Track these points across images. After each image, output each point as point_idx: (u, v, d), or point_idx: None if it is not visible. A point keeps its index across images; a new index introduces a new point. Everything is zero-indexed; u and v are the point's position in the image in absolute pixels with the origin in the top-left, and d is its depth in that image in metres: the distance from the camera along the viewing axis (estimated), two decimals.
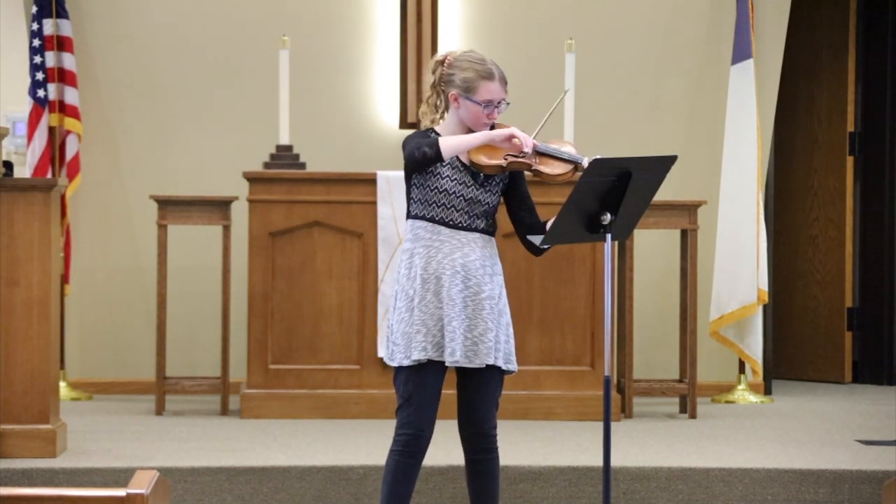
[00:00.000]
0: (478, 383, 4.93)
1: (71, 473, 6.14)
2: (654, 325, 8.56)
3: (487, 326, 4.88)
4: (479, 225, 4.93)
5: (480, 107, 4.90)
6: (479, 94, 4.90)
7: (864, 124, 9.45)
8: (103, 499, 3.61)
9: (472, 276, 4.88)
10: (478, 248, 4.92)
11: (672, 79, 8.74)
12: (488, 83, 4.90)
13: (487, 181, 4.94)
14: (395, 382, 4.94)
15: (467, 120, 4.94)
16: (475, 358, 4.87)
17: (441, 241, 4.89)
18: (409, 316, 4.88)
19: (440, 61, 4.99)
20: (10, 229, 6.35)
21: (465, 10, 8.66)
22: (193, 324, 8.50)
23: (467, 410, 4.97)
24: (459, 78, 4.92)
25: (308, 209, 7.68)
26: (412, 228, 4.93)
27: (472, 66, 4.92)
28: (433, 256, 4.88)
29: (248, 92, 8.58)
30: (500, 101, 4.93)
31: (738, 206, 8.38)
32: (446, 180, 4.89)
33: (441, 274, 4.87)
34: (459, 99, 4.92)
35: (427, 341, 4.85)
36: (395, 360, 4.91)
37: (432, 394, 4.89)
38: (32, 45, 8.28)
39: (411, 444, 4.90)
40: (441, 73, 4.97)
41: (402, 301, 4.91)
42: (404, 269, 4.93)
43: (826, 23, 9.48)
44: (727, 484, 6.30)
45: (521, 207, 5.02)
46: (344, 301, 7.67)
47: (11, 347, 6.34)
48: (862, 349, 9.49)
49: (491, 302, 4.90)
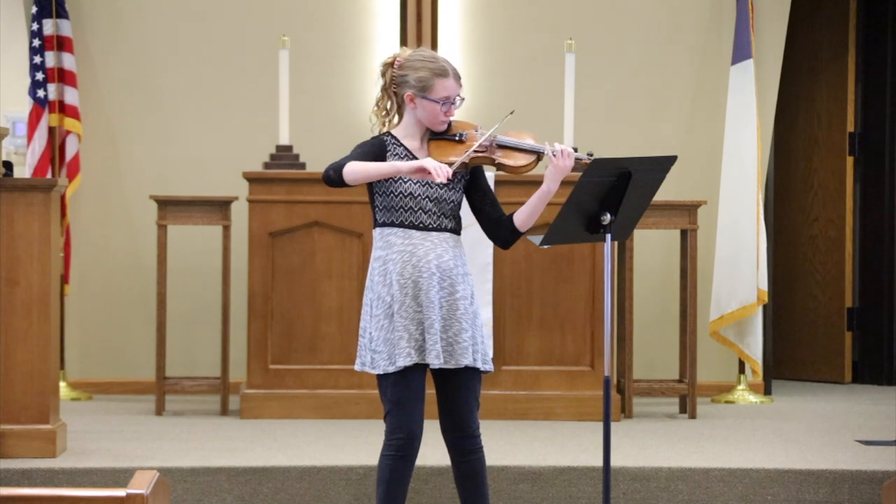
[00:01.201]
0: (456, 385, 4.93)
1: (71, 473, 6.14)
2: (654, 325, 8.56)
3: (462, 327, 4.88)
4: (447, 224, 4.92)
5: (438, 105, 4.88)
6: (435, 91, 4.88)
7: (864, 124, 9.45)
8: (103, 499, 3.61)
9: (446, 277, 4.88)
10: (450, 249, 4.91)
11: (672, 79, 8.74)
12: (443, 80, 4.88)
13: (450, 179, 4.91)
14: (380, 388, 4.93)
15: (425, 119, 4.92)
16: (451, 359, 4.86)
17: (414, 245, 4.88)
18: (389, 323, 4.87)
19: (389, 63, 4.96)
20: (10, 229, 6.35)
21: (465, 10, 8.66)
22: (193, 324, 8.50)
23: (450, 414, 4.96)
24: (413, 78, 4.89)
25: (308, 209, 7.68)
26: (381, 236, 4.92)
27: (424, 65, 4.90)
28: (408, 261, 4.87)
29: (248, 92, 8.58)
30: (455, 96, 4.91)
31: (738, 206, 8.38)
32: (409, 184, 4.88)
33: (418, 278, 4.86)
34: (416, 99, 4.90)
35: (410, 346, 4.85)
36: (379, 368, 4.88)
37: (418, 396, 4.89)
38: (32, 45, 8.28)
39: (404, 447, 4.89)
40: (392, 75, 4.94)
41: (379, 308, 4.89)
42: (378, 277, 4.90)
43: (826, 23, 9.48)
44: (727, 484, 6.30)
45: (484, 202, 5.02)
46: (344, 301, 7.67)
47: (11, 347, 6.34)
48: (862, 349, 9.49)
49: (464, 302, 4.90)
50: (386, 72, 4.97)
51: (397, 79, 4.93)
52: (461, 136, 4.93)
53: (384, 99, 4.98)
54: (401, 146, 4.93)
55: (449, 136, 4.94)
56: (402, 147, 4.93)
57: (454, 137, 4.93)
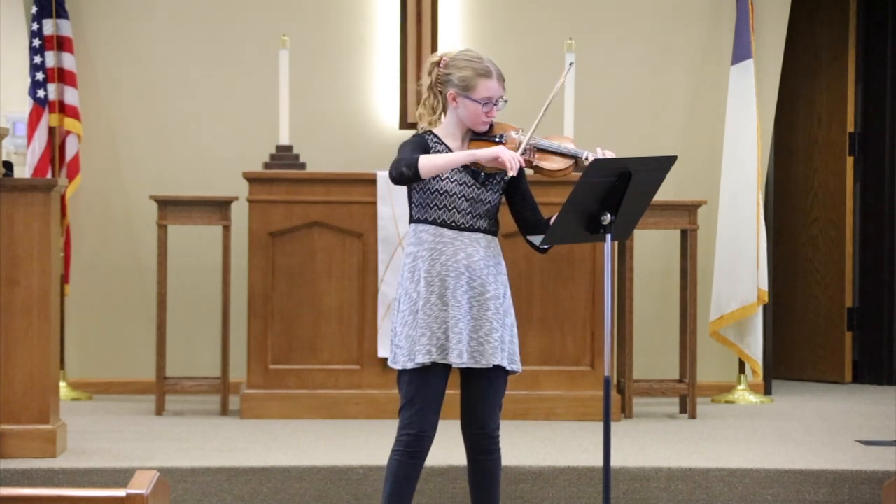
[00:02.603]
0: (482, 384, 4.94)
1: (71, 473, 6.14)
2: (654, 325, 8.56)
3: (493, 326, 4.89)
4: (481, 225, 4.93)
5: (479, 105, 4.91)
6: (477, 92, 4.90)
7: (864, 124, 9.45)
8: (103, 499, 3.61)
9: (476, 277, 4.89)
10: (481, 249, 4.92)
11: (672, 79, 8.74)
12: (486, 81, 4.91)
13: (488, 180, 4.94)
14: (398, 383, 4.95)
15: (466, 119, 4.94)
16: (481, 358, 4.88)
17: (444, 244, 4.89)
18: (413, 319, 4.88)
19: (436, 62, 4.99)
20: (10, 229, 6.35)
21: (465, 10, 8.66)
22: (193, 324, 8.50)
23: (471, 410, 4.97)
24: (457, 77, 4.92)
25: (308, 209, 7.68)
26: (415, 233, 4.93)
27: (469, 65, 4.93)
28: (437, 259, 4.88)
29: (248, 92, 8.57)
30: (498, 98, 4.93)
31: (738, 206, 8.38)
32: (446, 182, 4.89)
33: (446, 276, 4.87)
34: (458, 98, 4.93)
35: (431, 344, 4.85)
36: (398, 363, 4.91)
37: (435, 395, 4.90)
38: (32, 45, 8.28)
39: (413, 444, 4.90)
40: (438, 74, 4.97)
41: (405, 304, 4.91)
42: (407, 273, 4.93)
43: (826, 23, 9.48)
44: (727, 484, 6.30)
45: (524, 206, 5.03)
46: (344, 301, 7.67)
47: (11, 347, 6.34)
48: (862, 349, 9.49)
49: (496, 302, 4.91)
50: (432, 70, 4.99)
51: (442, 77, 4.95)
52: (501, 137, 4.95)
53: (430, 97, 4.99)
54: (442, 144, 4.94)
55: (489, 137, 4.96)
56: (443, 146, 4.94)
57: (494, 139, 4.95)
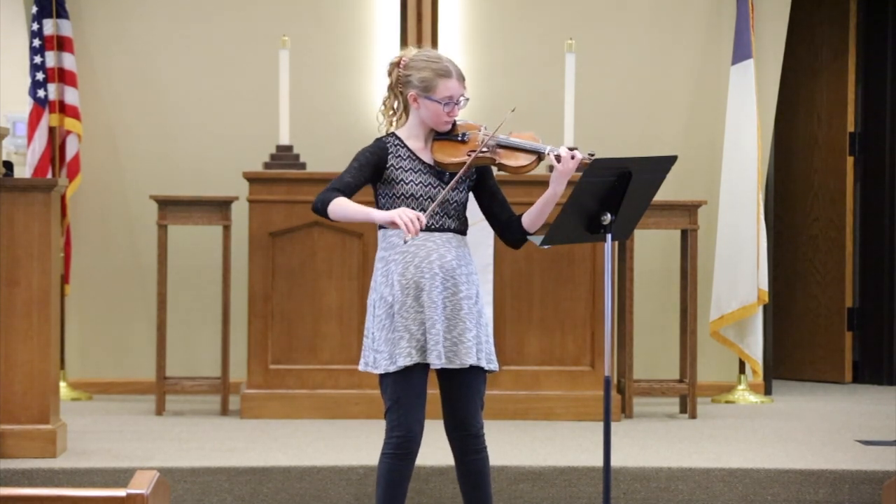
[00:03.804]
0: (461, 385, 4.93)
1: (71, 473, 6.14)
2: (654, 324, 8.56)
3: (466, 326, 4.88)
4: (450, 225, 4.92)
5: (440, 105, 4.89)
6: (437, 92, 4.89)
7: (864, 124, 9.45)
8: (103, 499, 3.61)
9: (449, 277, 4.88)
10: (453, 249, 4.91)
11: (672, 79, 8.74)
12: (446, 81, 4.89)
13: (452, 179, 4.92)
14: (381, 388, 4.93)
15: (428, 119, 4.93)
16: (455, 358, 4.87)
17: (416, 246, 4.88)
18: (391, 323, 4.87)
19: (395, 63, 4.98)
20: (10, 229, 6.34)
21: (465, 10, 8.66)
22: (193, 324, 8.50)
23: (453, 413, 4.96)
24: (417, 78, 4.91)
25: (308, 209, 7.60)
26: (384, 237, 4.93)
27: (428, 65, 4.91)
28: (410, 262, 4.87)
29: (248, 92, 8.57)
30: (459, 97, 4.92)
31: (738, 206, 8.38)
32: (411, 185, 4.89)
33: (420, 279, 4.86)
34: (419, 99, 4.91)
35: (411, 346, 4.85)
36: (381, 368, 4.89)
37: (419, 395, 4.89)
38: (32, 45, 8.28)
39: (403, 445, 4.89)
40: (398, 75, 4.96)
41: (381, 308, 4.90)
42: (381, 277, 4.91)
43: (826, 23, 9.48)
44: (727, 484, 6.30)
45: (493, 203, 5.02)
46: (344, 301, 7.67)
47: (11, 347, 6.34)
48: (862, 349, 9.49)
49: (468, 302, 4.90)
50: (392, 71, 4.98)
51: (402, 78, 4.94)
52: (464, 136, 4.94)
53: (391, 98, 4.99)
54: (404, 147, 4.93)
55: (452, 137, 4.95)
56: (405, 148, 4.93)
57: (457, 137, 4.94)
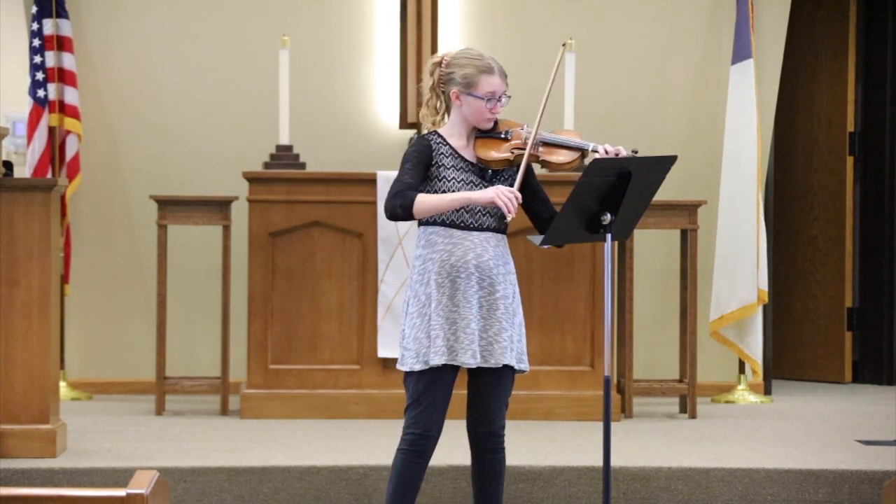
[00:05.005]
0: (490, 383, 4.94)
1: (71, 473, 6.14)
2: (654, 325, 8.56)
3: (502, 326, 4.89)
4: (490, 224, 4.93)
5: (483, 101, 4.91)
6: (480, 88, 4.91)
7: (864, 124, 9.45)
8: (103, 499, 3.61)
9: (485, 277, 4.89)
10: (490, 248, 4.92)
11: (672, 78, 8.74)
12: (488, 77, 4.91)
13: (496, 177, 4.95)
14: (404, 382, 4.94)
15: (470, 116, 4.95)
16: (490, 358, 4.88)
17: (454, 244, 4.89)
18: (422, 321, 4.88)
19: (437, 62, 5.00)
20: (10, 229, 6.34)
21: (465, 10, 8.66)
22: (193, 324, 8.50)
23: (478, 409, 4.97)
24: (459, 75, 4.92)
25: (308, 209, 7.68)
26: (425, 234, 4.93)
27: (470, 62, 4.93)
28: (447, 260, 4.88)
29: (248, 92, 8.57)
30: (501, 93, 4.94)
31: (738, 206, 8.38)
32: (453, 182, 4.90)
33: (456, 277, 4.87)
34: (461, 96, 4.93)
35: (443, 346, 4.85)
36: (406, 365, 4.90)
37: (442, 396, 4.89)
38: (32, 45, 8.28)
39: (418, 443, 4.90)
40: (439, 74, 4.97)
41: (413, 306, 4.91)
42: (416, 275, 4.92)
43: (826, 23, 9.48)
44: (727, 484, 6.30)
45: (535, 200, 5.03)
46: (344, 301, 7.67)
47: (11, 347, 6.34)
48: (862, 349, 9.49)
49: (505, 301, 4.91)
50: (434, 70, 4.99)
51: (444, 77, 4.95)
52: (507, 133, 4.96)
53: (433, 98, 4.99)
54: (447, 145, 4.94)
55: (495, 134, 4.97)
56: (447, 146, 4.94)
57: (500, 135, 4.96)
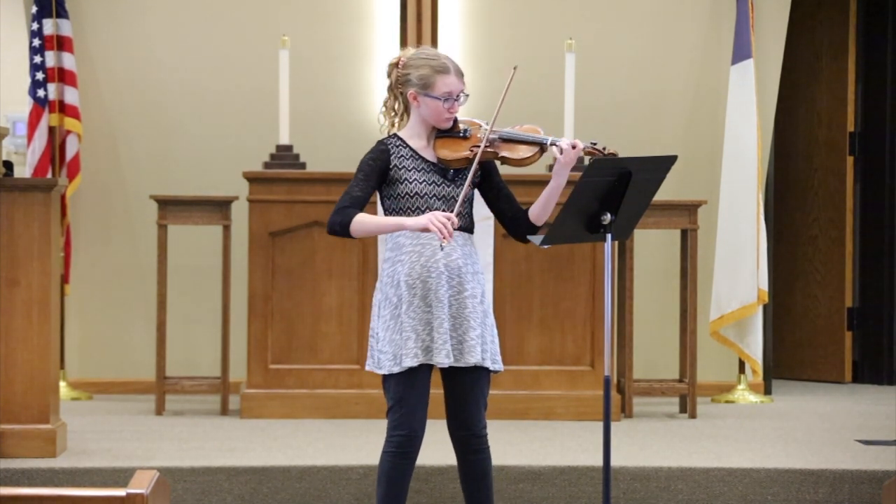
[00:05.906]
0: (465, 384, 4.93)
1: (71, 473, 6.14)
2: (654, 325, 8.56)
3: (471, 325, 4.88)
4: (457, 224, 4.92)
5: (440, 101, 4.90)
6: (436, 88, 4.89)
7: (864, 124, 9.45)
8: (103, 499, 3.61)
9: (454, 276, 4.88)
10: (458, 247, 4.91)
11: (672, 79, 8.74)
12: (444, 77, 4.90)
13: (458, 176, 4.93)
14: (384, 386, 4.93)
15: (429, 117, 4.94)
16: (461, 357, 4.87)
17: (422, 245, 4.88)
18: (395, 323, 4.87)
19: (394, 64, 4.99)
20: (10, 229, 6.35)
21: (465, 9, 8.66)
22: (193, 324, 8.50)
23: (456, 412, 4.96)
24: (415, 76, 4.91)
25: (308, 209, 7.68)
26: (391, 237, 4.92)
27: (426, 63, 4.92)
28: (416, 261, 4.87)
29: (248, 92, 8.57)
30: (458, 93, 4.93)
31: (738, 206, 8.38)
32: (415, 184, 4.89)
33: (427, 277, 4.86)
34: (418, 97, 4.92)
35: (417, 346, 4.84)
36: (384, 368, 4.89)
37: (422, 394, 4.89)
38: (32, 44, 8.28)
39: (404, 444, 4.89)
40: (396, 75, 4.97)
41: (386, 309, 4.90)
42: (387, 278, 4.92)
43: (826, 23, 9.48)
44: (727, 484, 6.30)
45: (499, 198, 5.02)
46: (344, 301, 7.67)
47: (11, 347, 6.34)
48: (862, 349, 9.49)
49: (473, 301, 4.90)
50: (391, 72, 4.99)
51: (401, 78, 4.95)
52: (466, 132, 4.95)
53: (391, 99, 5.00)
54: (406, 147, 4.94)
55: (454, 133, 4.96)
56: (407, 148, 4.94)
57: (459, 134, 4.95)
